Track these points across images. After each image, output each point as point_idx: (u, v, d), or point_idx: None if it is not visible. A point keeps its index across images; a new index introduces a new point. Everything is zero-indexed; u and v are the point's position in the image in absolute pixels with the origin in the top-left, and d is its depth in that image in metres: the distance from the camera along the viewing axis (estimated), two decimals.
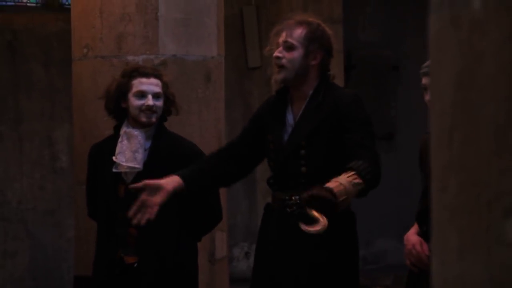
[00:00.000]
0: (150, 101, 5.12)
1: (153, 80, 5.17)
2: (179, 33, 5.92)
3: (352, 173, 4.41)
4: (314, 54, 4.80)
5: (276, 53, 4.78)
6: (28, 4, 9.73)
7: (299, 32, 4.81)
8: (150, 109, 5.13)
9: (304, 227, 4.33)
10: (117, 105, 5.21)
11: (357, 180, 4.40)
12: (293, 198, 4.69)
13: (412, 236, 4.57)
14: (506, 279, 1.67)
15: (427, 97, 4.42)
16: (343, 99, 4.75)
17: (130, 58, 5.86)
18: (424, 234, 4.47)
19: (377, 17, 11.11)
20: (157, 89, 5.16)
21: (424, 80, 4.53)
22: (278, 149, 4.81)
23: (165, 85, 5.20)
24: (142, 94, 5.14)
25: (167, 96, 5.20)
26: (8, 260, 9.30)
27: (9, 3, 9.63)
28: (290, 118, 4.82)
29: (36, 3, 9.77)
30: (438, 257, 1.79)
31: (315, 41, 4.80)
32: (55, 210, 9.39)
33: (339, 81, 10.27)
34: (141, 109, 5.13)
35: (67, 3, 9.38)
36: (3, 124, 9.28)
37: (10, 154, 9.31)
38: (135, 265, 5.14)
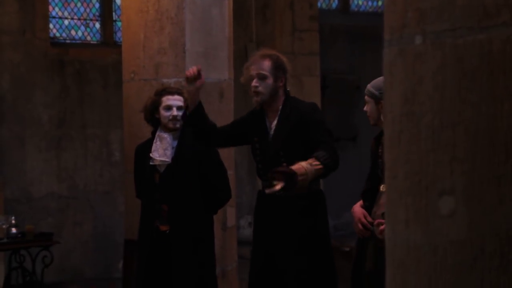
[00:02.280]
0: (175, 112, 5.12)
1: (176, 97, 5.17)
2: (200, 62, 5.90)
3: (312, 158, 4.46)
4: (280, 78, 4.78)
5: (253, 84, 4.75)
6: (91, 42, 9.71)
7: (267, 64, 4.76)
8: (175, 118, 5.12)
9: (267, 190, 4.40)
10: (152, 116, 5.21)
11: (316, 163, 4.44)
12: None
13: (357, 208, 4.51)
14: (439, 242, 1.66)
15: (365, 108, 4.43)
16: (306, 109, 4.75)
17: (164, 80, 5.84)
18: (367, 208, 4.44)
19: (344, 51, 11.09)
20: (180, 103, 5.16)
21: (366, 97, 4.50)
22: (263, 149, 4.82)
23: (186, 100, 5.19)
24: (169, 107, 5.14)
25: (188, 108, 5.19)
26: (77, 228, 9.28)
27: (77, 41, 9.62)
28: (268, 126, 4.82)
29: (97, 41, 9.75)
30: (390, 227, 1.77)
31: (279, 68, 4.78)
32: (110, 191, 9.38)
33: (317, 97, 10.27)
34: (169, 118, 5.12)
35: (119, 41, 9.36)
36: (73, 129, 9.27)
37: (78, 151, 9.30)
38: (167, 231, 5.12)
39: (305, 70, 10.11)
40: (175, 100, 5.15)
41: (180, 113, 5.14)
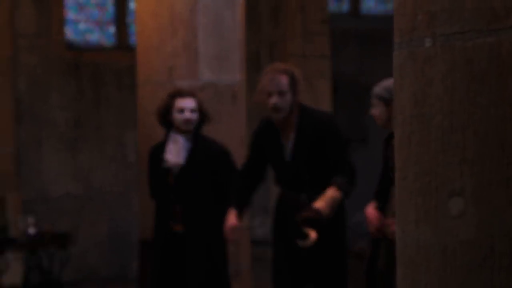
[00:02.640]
0: (187, 114, 5.11)
1: (189, 99, 5.16)
2: (213, 65, 5.91)
3: (334, 189, 4.58)
4: (297, 93, 4.72)
5: (273, 101, 4.63)
6: (106, 46, 9.74)
7: (285, 79, 4.67)
8: (187, 120, 5.11)
9: (301, 243, 4.48)
10: (165, 118, 5.21)
11: (336, 193, 4.58)
12: (301, 196, 4.69)
13: (371, 210, 4.51)
14: (449, 242, 1.65)
15: (372, 111, 4.43)
16: (324, 123, 4.72)
17: (178, 83, 5.84)
18: (380, 209, 4.44)
19: (355, 53, 11.08)
20: (192, 105, 5.14)
21: (375, 100, 4.49)
22: (282, 165, 4.74)
23: (198, 102, 5.19)
24: (181, 110, 5.13)
25: (200, 110, 5.18)
26: (93, 228, 9.31)
27: (92, 45, 9.65)
28: (284, 143, 4.72)
29: (112, 44, 9.77)
30: (400, 227, 1.77)
31: (295, 84, 4.71)
32: (125, 192, 9.39)
33: (328, 100, 10.26)
34: (181, 121, 5.12)
35: (133, 44, 9.39)
36: (88, 131, 9.29)
37: (93, 152, 9.32)
38: (181, 232, 5.12)
39: (316, 73, 10.10)
40: (188, 103, 5.15)
41: (193, 116, 5.13)
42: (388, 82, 4.40)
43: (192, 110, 5.13)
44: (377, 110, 4.39)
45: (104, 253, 9.29)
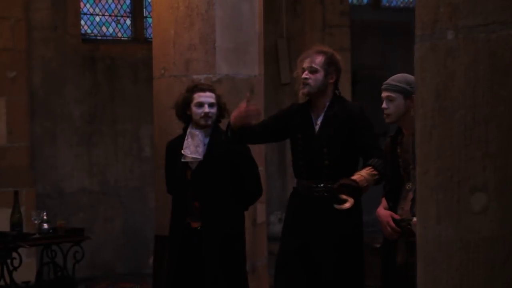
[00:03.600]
0: (206, 109, 5.12)
1: (208, 93, 5.17)
2: (230, 58, 5.91)
3: (370, 167, 4.58)
4: (331, 75, 4.79)
5: (304, 75, 4.76)
6: (122, 38, 9.77)
7: (319, 59, 4.79)
8: (207, 115, 5.12)
9: (337, 206, 4.45)
10: (183, 112, 5.22)
11: (374, 172, 4.56)
12: (319, 185, 4.71)
13: (381, 211, 4.49)
14: (471, 238, 1.65)
15: (383, 105, 4.42)
16: (354, 110, 4.82)
17: (195, 76, 5.85)
18: (391, 208, 4.42)
19: (375, 46, 11.05)
20: (211, 100, 5.15)
21: (384, 93, 4.48)
22: (306, 145, 4.79)
23: (217, 97, 5.20)
24: (200, 104, 5.14)
25: (219, 104, 5.20)
26: (108, 223, 9.34)
27: (108, 38, 9.68)
28: (314, 122, 4.80)
29: (128, 37, 9.80)
30: (421, 223, 1.77)
31: (331, 65, 4.79)
32: (141, 187, 9.42)
33: (348, 93, 10.24)
34: (200, 115, 5.13)
35: (150, 37, 9.41)
36: (104, 125, 9.33)
37: (108, 146, 9.35)
38: (199, 228, 5.13)
39: None
40: (207, 97, 5.15)
41: (212, 110, 5.15)
42: (402, 75, 4.39)
43: (211, 105, 5.14)
44: (392, 104, 4.36)
45: (119, 249, 9.33)
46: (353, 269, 4.79)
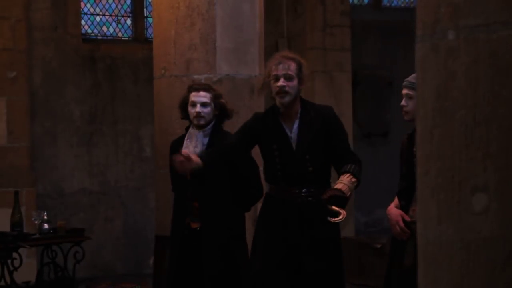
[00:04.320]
0: (198, 109, 5.12)
1: (201, 93, 5.16)
2: (231, 58, 5.91)
3: (349, 174, 4.56)
4: (302, 81, 4.73)
5: (280, 83, 4.61)
6: (122, 38, 9.77)
7: (293, 65, 4.68)
8: (198, 115, 5.12)
9: (332, 219, 4.45)
10: (185, 112, 5.24)
11: (354, 179, 4.56)
12: (302, 191, 4.65)
13: (393, 210, 4.50)
14: (472, 239, 1.65)
15: (402, 102, 4.44)
16: (327, 113, 4.75)
17: (195, 76, 5.85)
18: (403, 207, 4.43)
19: (376, 46, 11.05)
20: (204, 99, 5.14)
21: (404, 91, 4.50)
22: (285, 155, 4.68)
23: (214, 97, 5.17)
24: (193, 104, 5.15)
25: (218, 104, 5.16)
26: (108, 224, 9.35)
27: (109, 38, 9.68)
28: (288, 131, 4.70)
29: (128, 37, 9.81)
30: (422, 223, 1.77)
31: (301, 71, 4.73)
32: (141, 187, 9.42)
33: (348, 93, 10.24)
34: (193, 115, 5.14)
35: (150, 37, 9.41)
36: (104, 125, 9.33)
37: (109, 146, 9.36)
38: (198, 229, 5.13)
39: (337, 66, 10.09)
40: (200, 97, 5.15)
41: (205, 110, 5.13)
42: None
43: (203, 104, 5.12)
44: (411, 102, 4.38)
45: (119, 249, 9.33)
46: (340, 271, 4.76)
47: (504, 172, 1.61)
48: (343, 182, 4.50)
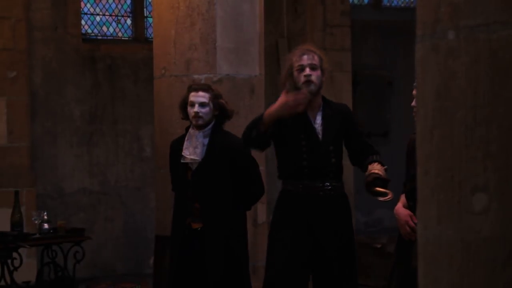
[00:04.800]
0: (196, 108, 5.11)
1: (200, 93, 5.15)
2: (231, 58, 5.91)
3: (377, 163, 4.69)
4: (324, 73, 4.79)
5: (307, 72, 4.69)
6: (122, 38, 9.77)
7: (316, 57, 4.77)
8: (196, 115, 5.11)
9: (382, 198, 4.55)
10: (185, 112, 5.23)
11: (384, 167, 4.69)
12: (325, 184, 4.70)
13: (401, 210, 4.50)
14: (472, 239, 1.65)
15: (413, 103, 4.42)
16: (345, 110, 4.93)
17: (195, 76, 5.85)
18: (411, 207, 4.43)
19: (376, 46, 11.05)
20: (203, 99, 5.13)
21: (415, 91, 4.50)
22: (311, 146, 4.72)
23: (213, 97, 5.16)
24: (192, 104, 5.14)
25: (217, 105, 5.15)
26: (108, 223, 9.35)
27: (109, 38, 9.68)
28: (313, 122, 4.77)
29: (128, 37, 9.81)
30: (422, 223, 1.77)
31: (323, 64, 4.80)
32: (141, 187, 9.42)
33: (348, 94, 10.24)
34: (192, 115, 5.13)
35: (150, 37, 9.41)
36: (104, 125, 9.33)
37: (109, 146, 9.36)
38: (199, 229, 5.13)
39: (337, 65, 10.09)
40: (198, 97, 5.14)
41: (203, 110, 5.12)
42: None
43: (201, 104, 5.11)
44: (413, 103, 4.38)
45: (119, 249, 9.33)
46: (355, 265, 4.85)
47: (504, 172, 1.61)
48: (377, 169, 4.63)
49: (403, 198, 4.61)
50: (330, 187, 4.71)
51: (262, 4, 6.13)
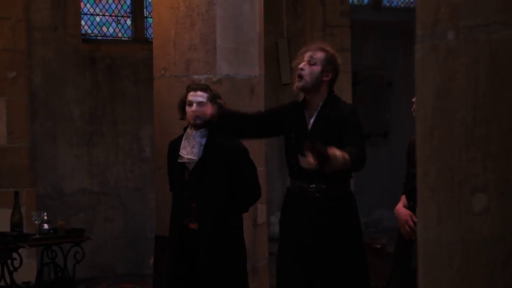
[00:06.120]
0: (194, 108, 5.12)
1: (198, 93, 5.15)
2: (231, 58, 5.91)
3: (345, 152, 4.29)
4: (327, 72, 4.73)
5: (300, 65, 4.69)
6: (122, 38, 9.77)
7: (320, 54, 4.74)
8: (194, 114, 5.12)
9: (301, 160, 4.31)
10: (183, 112, 5.23)
11: (347, 157, 4.26)
12: (310, 186, 4.66)
13: (401, 209, 4.50)
14: (472, 239, 1.65)
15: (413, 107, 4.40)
16: (345, 111, 4.69)
17: (195, 77, 5.85)
18: (411, 207, 4.43)
19: (376, 46, 11.05)
20: (201, 99, 5.13)
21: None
22: (299, 145, 4.68)
23: (212, 97, 5.16)
24: (190, 103, 5.15)
25: (214, 104, 5.15)
26: (108, 224, 9.35)
27: (109, 38, 9.68)
28: (307, 122, 4.74)
29: (128, 37, 9.81)
30: (422, 223, 1.77)
31: (330, 63, 4.75)
32: (141, 187, 9.42)
33: (348, 94, 10.24)
34: (189, 114, 5.14)
35: (150, 37, 9.41)
36: (104, 125, 9.33)
37: (109, 147, 9.36)
38: (196, 229, 5.13)
39: None
40: (196, 96, 5.14)
41: (201, 109, 5.11)
42: None
43: (199, 104, 5.12)
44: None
45: (119, 249, 9.33)
46: (354, 271, 4.72)
47: (504, 172, 1.61)
48: (336, 150, 4.26)
49: (403, 198, 4.61)
50: (314, 189, 4.65)
51: (262, 4, 6.13)
